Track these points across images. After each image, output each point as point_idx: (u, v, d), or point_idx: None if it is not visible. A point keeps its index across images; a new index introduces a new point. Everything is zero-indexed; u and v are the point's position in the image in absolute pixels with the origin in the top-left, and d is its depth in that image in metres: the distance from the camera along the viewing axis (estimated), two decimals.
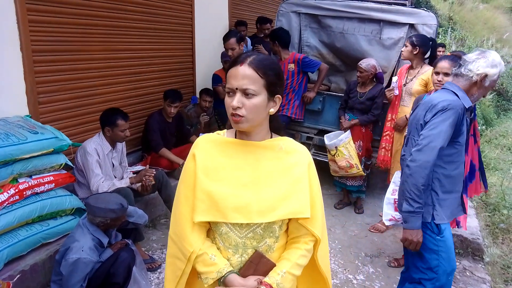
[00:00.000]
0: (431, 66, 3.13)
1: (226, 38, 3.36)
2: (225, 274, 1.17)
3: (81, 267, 2.14)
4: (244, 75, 1.13)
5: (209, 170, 1.19)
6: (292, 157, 1.24)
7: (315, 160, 4.66)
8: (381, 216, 3.98)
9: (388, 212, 2.93)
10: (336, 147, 3.70)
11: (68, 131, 3.19)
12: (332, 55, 4.34)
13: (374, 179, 4.18)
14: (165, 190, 3.36)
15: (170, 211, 3.41)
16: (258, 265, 1.20)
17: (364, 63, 3.61)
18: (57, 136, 2.74)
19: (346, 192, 4.17)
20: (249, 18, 6.33)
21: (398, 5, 3.93)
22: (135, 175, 3.32)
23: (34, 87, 3.00)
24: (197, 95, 5.28)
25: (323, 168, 4.89)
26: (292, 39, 4.21)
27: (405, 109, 3.40)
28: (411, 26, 3.75)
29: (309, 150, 4.42)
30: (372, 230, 3.70)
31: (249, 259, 1.21)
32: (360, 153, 3.80)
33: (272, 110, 1.20)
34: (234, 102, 1.12)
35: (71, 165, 2.87)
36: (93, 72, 3.55)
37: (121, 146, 3.24)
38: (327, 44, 4.26)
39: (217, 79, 5.04)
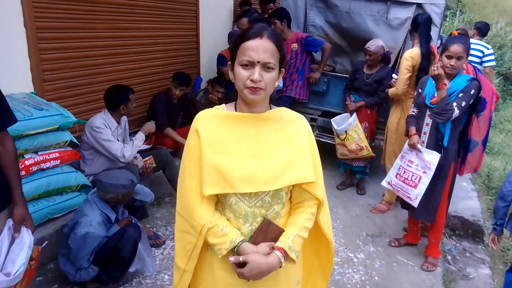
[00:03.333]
0: None
1: (239, 16, 3.31)
2: (238, 244, 1.21)
3: (89, 241, 2.19)
4: (266, 48, 1.14)
5: (213, 143, 1.21)
6: (292, 126, 1.28)
7: (318, 141, 4.66)
8: (383, 197, 4.03)
9: (390, 175, 2.97)
10: (346, 131, 3.70)
11: (73, 109, 3.19)
12: (338, 35, 4.28)
13: (377, 161, 4.18)
14: (169, 169, 3.40)
15: (175, 190, 3.48)
16: (268, 232, 1.24)
17: (372, 46, 3.57)
18: (62, 113, 2.75)
19: (349, 173, 4.19)
20: None
21: None
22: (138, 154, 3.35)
23: (39, 64, 3.00)
24: (202, 76, 5.28)
25: (327, 151, 4.92)
26: (297, 18, 4.17)
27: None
28: (419, 5, 3.68)
29: (313, 131, 4.42)
30: (373, 210, 3.74)
31: (258, 227, 1.24)
32: (366, 135, 3.79)
33: (277, 83, 1.23)
34: (255, 75, 1.13)
35: (76, 142, 2.89)
36: (98, 51, 3.54)
37: (124, 122, 3.25)
38: (333, 24, 4.20)
39: (223, 59, 5.00)
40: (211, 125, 1.24)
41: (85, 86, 3.47)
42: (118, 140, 3.16)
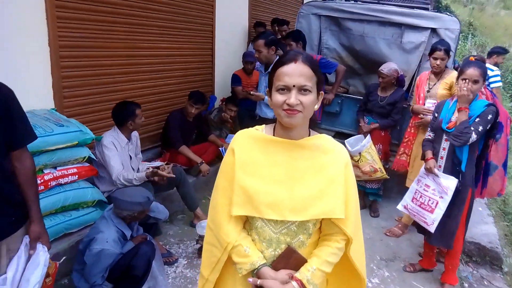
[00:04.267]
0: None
1: (255, 38, 3.38)
2: (258, 267, 1.22)
3: (104, 258, 2.19)
4: (301, 72, 1.15)
5: (246, 165, 1.23)
6: (328, 156, 1.26)
7: None
8: (397, 221, 3.98)
9: (406, 199, 2.94)
10: (359, 153, 3.69)
11: (90, 126, 3.23)
12: (351, 58, 4.33)
13: (390, 182, 4.14)
14: (182, 187, 3.41)
15: (188, 207, 3.50)
16: (290, 260, 1.24)
17: (385, 69, 3.60)
18: (82, 130, 2.81)
19: (362, 195, 4.15)
20: (268, 19, 6.36)
21: (420, 9, 3.90)
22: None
23: (60, 81, 3.08)
24: (216, 95, 5.35)
25: None
26: (311, 41, 4.23)
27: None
28: (433, 30, 3.72)
29: None
30: (388, 233, 3.68)
31: (281, 254, 1.24)
32: (380, 157, 3.78)
33: (316, 107, 1.24)
34: (292, 99, 1.13)
35: (94, 158, 2.93)
36: (116, 69, 3.63)
37: (135, 138, 3.29)
38: (346, 47, 4.25)
39: (237, 79, 5.09)
40: (246, 146, 1.26)
41: (103, 103, 3.54)
42: (130, 156, 3.20)
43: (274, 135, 1.28)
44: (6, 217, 1.58)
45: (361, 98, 4.11)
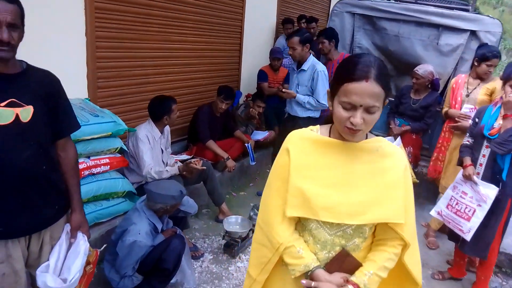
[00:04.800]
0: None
1: (290, 35, 3.34)
2: (312, 269, 1.20)
3: (136, 250, 2.20)
4: (372, 93, 1.07)
5: (301, 167, 1.20)
6: (387, 160, 1.21)
7: None
8: (423, 226, 3.89)
9: (441, 205, 2.86)
10: None
11: (121, 117, 3.26)
12: (384, 58, 4.23)
13: (417, 187, 4.05)
14: (210, 181, 3.41)
15: (214, 202, 3.49)
16: (344, 263, 1.21)
17: (421, 70, 3.51)
18: (115, 121, 2.82)
19: None
20: (295, 16, 6.28)
21: (460, 10, 3.78)
22: (180, 163, 3.39)
23: (95, 71, 3.10)
24: (241, 90, 5.33)
25: None
26: (344, 40, 4.16)
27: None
28: (473, 33, 3.60)
29: None
30: (429, 246, 3.56)
31: (335, 256, 1.22)
32: (410, 160, 3.70)
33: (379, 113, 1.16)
34: (357, 119, 1.07)
35: (126, 149, 2.95)
36: (148, 61, 3.64)
37: (167, 132, 3.30)
38: (379, 47, 4.16)
39: (263, 75, 5.05)
40: (302, 147, 1.23)
41: (134, 95, 3.56)
42: (162, 150, 3.21)
43: (330, 136, 1.24)
44: (52, 205, 1.59)
45: (392, 99, 4.02)
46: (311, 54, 3.43)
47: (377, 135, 3.77)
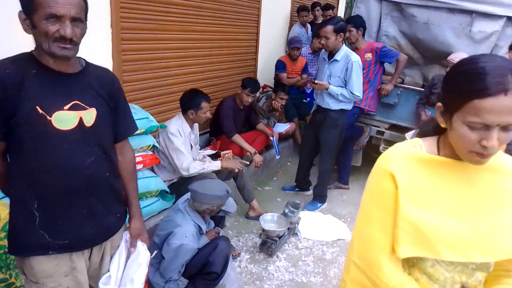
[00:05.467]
0: None
1: (322, 24, 3.17)
2: None
3: (183, 253, 2.10)
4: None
5: (414, 195, 0.99)
6: None
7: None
8: None
9: None
10: None
11: (147, 111, 3.15)
12: (411, 46, 4.11)
13: None
14: (240, 177, 3.30)
15: (244, 199, 3.39)
16: None
17: (456, 58, 3.37)
18: (147, 117, 2.70)
19: None
20: (309, 3, 6.11)
21: None
22: (208, 157, 3.29)
23: (120, 65, 2.95)
24: (259, 80, 5.18)
25: None
26: (370, 27, 4.02)
27: None
28: (509, 18, 3.47)
29: (379, 145, 4.25)
30: None
31: None
32: None
33: None
34: (493, 142, 0.86)
35: (158, 146, 2.83)
36: (171, 53, 3.49)
37: (196, 126, 3.19)
38: (407, 35, 4.02)
39: (282, 65, 4.91)
40: (411, 170, 1.00)
41: (158, 88, 3.42)
42: (192, 145, 3.09)
43: (439, 153, 1.03)
44: (114, 213, 1.47)
45: (421, 89, 3.91)
46: (343, 44, 3.29)
47: (405, 127, 3.62)
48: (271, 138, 4.10)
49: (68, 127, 1.26)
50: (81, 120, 1.28)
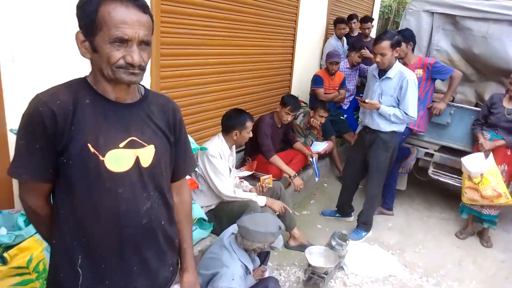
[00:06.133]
0: None
1: (377, 39, 2.91)
2: None
3: None
4: None
5: None
6: None
7: (434, 180, 3.97)
8: None
9: None
10: (481, 174, 3.18)
11: None
12: (464, 62, 3.79)
13: (505, 208, 3.59)
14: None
15: (285, 227, 3.12)
16: None
17: None
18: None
19: (472, 219, 3.63)
20: (345, 15, 5.87)
21: None
22: (245, 181, 3.07)
23: (158, 82, 2.78)
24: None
25: (442, 189, 4.37)
26: (420, 41, 3.73)
27: None
28: None
29: (427, 168, 3.92)
30: None
31: None
32: (504, 180, 3.25)
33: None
34: None
35: (197, 170, 2.62)
36: (210, 68, 3.30)
37: (233, 148, 2.98)
38: (460, 49, 3.71)
39: (319, 80, 4.67)
40: None
41: (194, 106, 3.24)
42: (230, 168, 2.87)
43: None
44: (168, 265, 1.24)
45: (477, 109, 3.57)
46: (397, 60, 3.02)
47: (457, 150, 3.35)
48: (310, 159, 3.84)
49: (123, 168, 1.05)
50: (137, 159, 1.07)
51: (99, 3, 0.96)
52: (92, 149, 1.00)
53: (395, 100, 3.00)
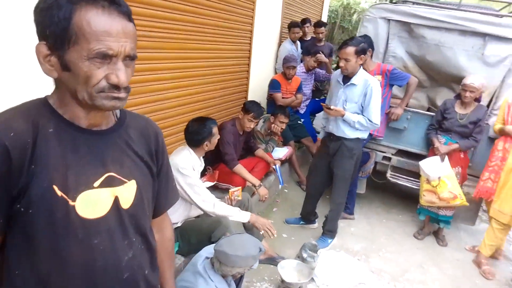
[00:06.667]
0: None
1: (342, 45, 2.87)
2: None
3: None
4: None
5: None
6: None
7: (392, 183, 4.04)
8: (468, 250, 3.62)
9: None
10: (439, 178, 3.29)
11: None
12: (418, 68, 3.91)
13: (457, 209, 3.77)
14: None
15: (264, 248, 2.95)
16: None
17: (476, 82, 3.21)
18: None
19: (428, 220, 3.76)
20: (298, 19, 5.87)
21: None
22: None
23: None
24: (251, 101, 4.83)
25: (398, 191, 4.49)
26: (377, 48, 3.78)
27: None
28: None
29: (385, 172, 4.00)
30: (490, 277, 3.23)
31: None
32: (458, 181, 3.39)
33: None
34: None
35: None
36: (167, 73, 3.06)
37: (202, 158, 2.79)
38: (415, 56, 3.83)
39: (277, 84, 4.60)
40: None
41: (152, 114, 2.98)
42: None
43: None
44: None
45: (432, 114, 3.70)
46: (361, 66, 3.01)
47: (413, 153, 3.48)
48: (273, 166, 3.74)
49: (99, 214, 0.84)
50: (116, 200, 0.87)
51: (74, 9, 0.75)
52: (59, 192, 0.79)
53: (359, 107, 2.99)
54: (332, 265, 3.03)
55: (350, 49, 2.81)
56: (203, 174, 3.61)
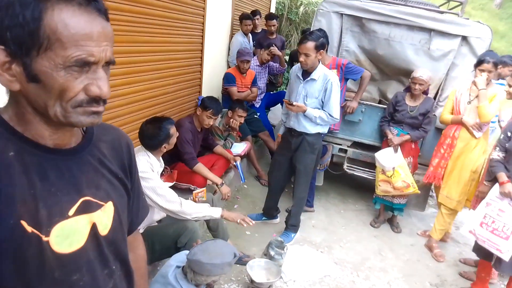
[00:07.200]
0: None
1: (302, 39, 2.83)
2: None
3: None
4: None
5: None
6: None
7: (348, 174, 4.16)
8: (420, 235, 3.83)
9: (473, 223, 2.73)
10: (393, 168, 3.42)
11: None
12: (369, 62, 4.03)
13: (408, 196, 3.97)
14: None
15: (239, 253, 2.85)
16: None
17: (424, 75, 3.36)
18: None
19: (383, 209, 3.92)
20: (248, 11, 5.79)
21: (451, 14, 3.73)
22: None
23: None
24: (203, 95, 4.69)
25: (352, 181, 4.61)
26: (331, 42, 3.82)
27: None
28: (464, 38, 3.56)
29: (341, 163, 4.10)
30: (442, 259, 3.42)
31: None
32: (410, 171, 3.55)
33: None
34: None
35: None
36: (117, 69, 2.84)
37: (161, 158, 2.64)
38: (366, 50, 3.93)
39: (231, 78, 4.50)
40: None
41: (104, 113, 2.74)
42: None
43: None
44: None
45: (384, 106, 3.84)
46: (319, 61, 3.01)
47: (368, 145, 3.63)
48: (234, 162, 3.66)
49: (76, 245, 0.72)
50: (94, 227, 0.75)
51: (44, 7, 0.61)
52: (29, 228, 0.65)
53: (319, 102, 3.00)
54: (297, 259, 3.04)
55: (310, 44, 2.79)
56: (160, 174, 3.45)
